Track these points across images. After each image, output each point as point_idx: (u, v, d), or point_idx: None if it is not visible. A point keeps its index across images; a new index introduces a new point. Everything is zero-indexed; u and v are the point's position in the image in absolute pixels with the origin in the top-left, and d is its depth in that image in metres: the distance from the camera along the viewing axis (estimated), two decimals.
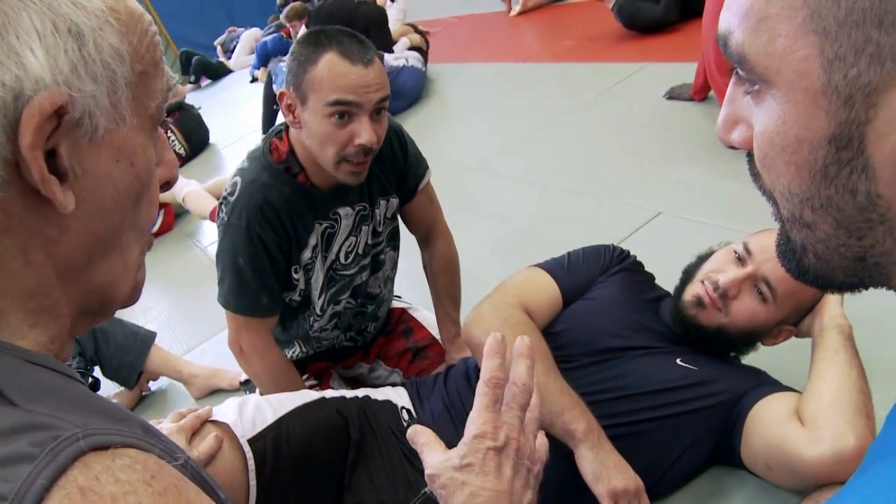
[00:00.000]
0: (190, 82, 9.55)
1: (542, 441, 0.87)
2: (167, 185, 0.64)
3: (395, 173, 1.73)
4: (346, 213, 1.63)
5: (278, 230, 1.54)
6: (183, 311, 3.05)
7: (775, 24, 0.45)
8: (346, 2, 4.88)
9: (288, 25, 6.36)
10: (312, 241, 1.61)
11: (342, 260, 1.69)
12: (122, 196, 0.54)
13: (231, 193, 1.54)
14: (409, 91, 4.74)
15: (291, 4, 6.43)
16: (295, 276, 1.63)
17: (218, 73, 9.65)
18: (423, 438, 0.85)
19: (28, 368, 0.49)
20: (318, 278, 1.66)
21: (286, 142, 1.57)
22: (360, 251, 1.71)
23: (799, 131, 0.46)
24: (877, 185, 0.45)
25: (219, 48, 10.34)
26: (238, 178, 1.55)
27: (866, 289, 0.53)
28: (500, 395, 0.82)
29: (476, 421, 0.80)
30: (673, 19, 4.33)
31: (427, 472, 0.81)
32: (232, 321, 1.64)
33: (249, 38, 9.56)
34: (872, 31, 0.41)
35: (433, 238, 1.92)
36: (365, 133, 1.44)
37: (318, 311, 1.72)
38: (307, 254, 1.61)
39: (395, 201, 1.76)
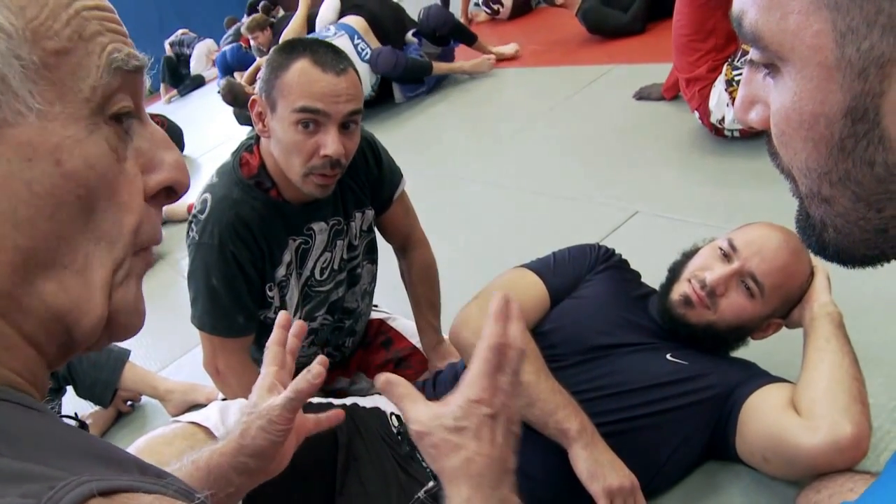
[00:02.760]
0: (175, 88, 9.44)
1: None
2: (172, 192, 0.55)
3: (370, 184, 1.70)
4: (320, 228, 1.60)
5: (252, 247, 1.50)
6: (157, 328, 2.98)
7: (787, 0, 0.45)
8: None
9: (249, 36, 6.28)
10: (286, 257, 1.57)
11: (317, 276, 1.65)
12: (45, 202, 0.45)
13: (201, 211, 1.49)
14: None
15: (253, 16, 6.36)
16: (269, 293, 1.59)
17: (179, 78, 9.54)
18: (400, 389, 0.82)
19: (2, 407, 0.42)
20: (293, 295, 1.62)
21: (257, 156, 1.53)
22: (335, 266, 1.68)
23: (814, 107, 0.46)
24: (894, 156, 0.45)
25: (168, 47, 10.14)
26: (208, 195, 1.50)
27: (888, 261, 0.53)
28: (501, 362, 0.80)
29: (474, 385, 0.78)
30: (638, 29, 4.37)
31: (414, 428, 0.79)
32: (207, 342, 1.59)
33: (202, 49, 9.47)
34: (884, 3, 0.41)
35: (410, 247, 1.89)
36: (331, 144, 1.39)
37: None
38: (281, 271, 1.57)
39: (370, 213, 1.73)
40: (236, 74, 6.83)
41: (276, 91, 1.40)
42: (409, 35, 4.77)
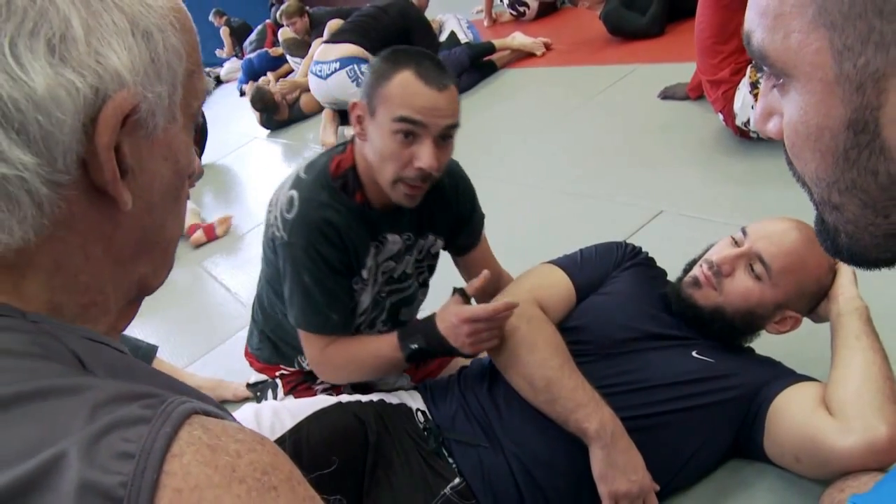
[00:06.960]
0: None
1: None
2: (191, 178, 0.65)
3: (452, 220, 1.72)
4: (393, 239, 1.61)
5: (339, 247, 1.51)
6: (183, 324, 3.02)
7: (789, 20, 0.48)
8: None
9: (287, 23, 6.32)
10: (369, 262, 1.58)
11: (384, 285, 1.67)
12: (166, 192, 0.55)
13: (289, 210, 1.50)
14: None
15: (288, 2, 6.38)
16: (356, 287, 1.60)
17: None
18: None
19: (100, 347, 0.50)
20: (364, 300, 1.63)
21: (350, 156, 1.54)
22: (394, 276, 1.68)
23: (819, 119, 0.49)
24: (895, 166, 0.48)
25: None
26: (295, 193, 1.51)
27: None
28: None
29: None
30: (656, 32, 4.36)
31: None
32: (305, 340, 1.60)
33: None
34: (875, 21, 0.44)
35: (500, 285, 1.74)
36: (426, 157, 1.41)
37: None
38: (364, 273, 1.58)
39: (440, 242, 1.74)
40: (269, 73, 6.87)
41: (377, 97, 1.42)
42: None
